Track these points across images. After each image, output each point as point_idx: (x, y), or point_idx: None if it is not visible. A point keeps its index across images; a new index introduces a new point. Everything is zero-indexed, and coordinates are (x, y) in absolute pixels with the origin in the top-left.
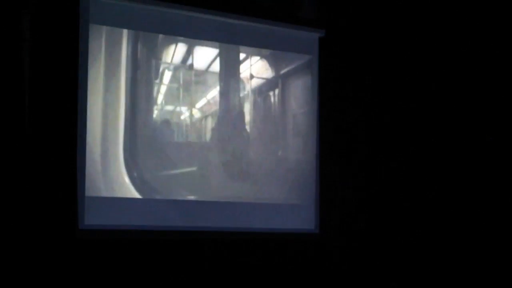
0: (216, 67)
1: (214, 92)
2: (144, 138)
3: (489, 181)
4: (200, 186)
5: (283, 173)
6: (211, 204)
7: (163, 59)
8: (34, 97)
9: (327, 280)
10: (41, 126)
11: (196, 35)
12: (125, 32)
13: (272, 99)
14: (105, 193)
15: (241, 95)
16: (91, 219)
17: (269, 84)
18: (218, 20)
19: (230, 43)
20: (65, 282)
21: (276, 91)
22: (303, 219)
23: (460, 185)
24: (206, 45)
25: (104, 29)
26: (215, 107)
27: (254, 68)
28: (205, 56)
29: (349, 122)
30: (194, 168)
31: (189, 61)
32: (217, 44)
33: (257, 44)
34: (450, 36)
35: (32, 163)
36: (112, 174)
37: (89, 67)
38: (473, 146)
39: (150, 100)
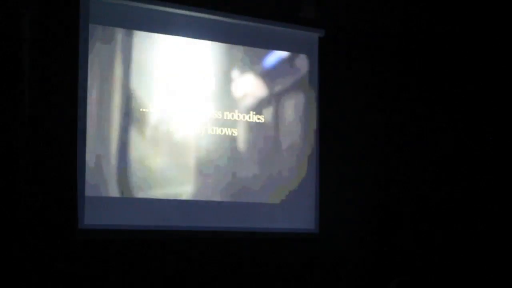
0: (208, 71)
1: (208, 109)
2: (131, 141)
3: (489, 181)
4: (196, 193)
5: (282, 174)
6: (211, 204)
7: (152, 63)
8: (34, 97)
9: (327, 280)
10: (41, 126)
11: (196, 35)
12: (113, 33)
13: (265, 102)
14: (105, 193)
15: (232, 100)
16: (91, 219)
17: (262, 89)
18: (218, 20)
19: (230, 43)
20: (65, 282)
21: (269, 93)
22: (303, 219)
23: (460, 185)
24: (197, 49)
25: (91, 30)
26: (210, 124)
27: (247, 73)
28: (196, 60)
29: (349, 122)
30: (188, 183)
31: (179, 66)
32: (209, 48)
33: (257, 44)
34: (450, 36)
35: (32, 163)
36: (98, 178)
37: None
38: (473, 146)
39: (139, 104)
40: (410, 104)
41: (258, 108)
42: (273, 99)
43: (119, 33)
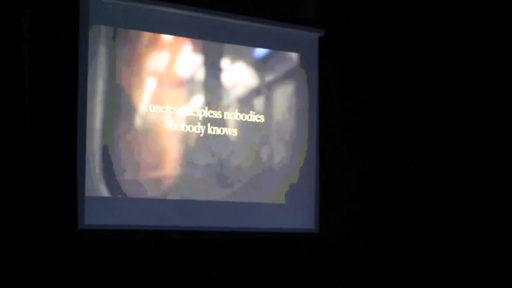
0: (200, 74)
1: (198, 99)
2: (132, 141)
3: (489, 181)
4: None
5: (282, 174)
6: (211, 204)
7: (152, 62)
8: (34, 97)
9: (327, 280)
10: (41, 126)
11: (196, 34)
12: (112, 33)
13: (263, 102)
14: (104, 194)
15: (226, 102)
16: (91, 219)
17: (260, 88)
18: (218, 20)
19: (230, 43)
20: (65, 282)
21: (265, 95)
22: (303, 219)
23: (460, 185)
24: (196, 49)
25: (91, 30)
26: (200, 113)
27: (243, 73)
28: (195, 60)
29: (349, 122)
30: (179, 175)
31: (178, 65)
32: (201, 49)
33: (257, 44)
34: (450, 36)
35: (32, 163)
36: (98, 178)
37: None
38: (473, 146)
39: (138, 103)
40: (410, 104)
41: (257, 108)
42: (272, 98)
43: (119, 33)
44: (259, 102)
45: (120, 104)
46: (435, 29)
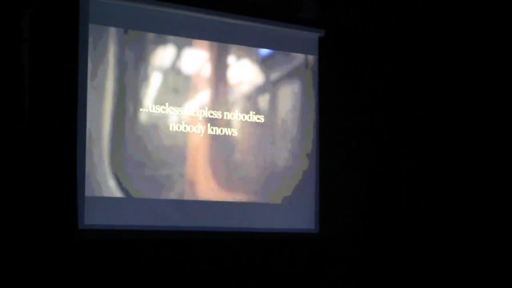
0: (206, 71)
1: (203, 96)
2: (131, 141)
3: (489, 181)
4: (189, 190)
5: (282, 174)
6: (211, 204)
7: (152, 62)
8: (34, 97)
9: (327, 280)
10: (41, 126)
11: (196, 35)
12: (112, 33)
13: (264, 102)
14: (105, 193)
15: (227, 102)
16: (91, 219)
17: (260, 88)
18: (219, 20)
19: (230, 43)
20: (65, 282)
21: (267, 95)
22: (303, 219)
23: (460, 185)
24: (196, 49)
25: (91, 30)
26: (204, 111)
27: (244, 73)
28: (195, 60)
29: (349, 122)
30: (181, 172)
31: (178, 65)
32: (207, 47)
33: (257, 44)
34: (450, 36)
35: (32, 163)
36: (97, 178)
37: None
38: (473, 146)
39: (138, 103)
40: (410, 104)
41: (257, 108)
42: (272, 99)
43: (119, 33)
44: (260, 103)
45: (121, 104)
46: (435, 29)
